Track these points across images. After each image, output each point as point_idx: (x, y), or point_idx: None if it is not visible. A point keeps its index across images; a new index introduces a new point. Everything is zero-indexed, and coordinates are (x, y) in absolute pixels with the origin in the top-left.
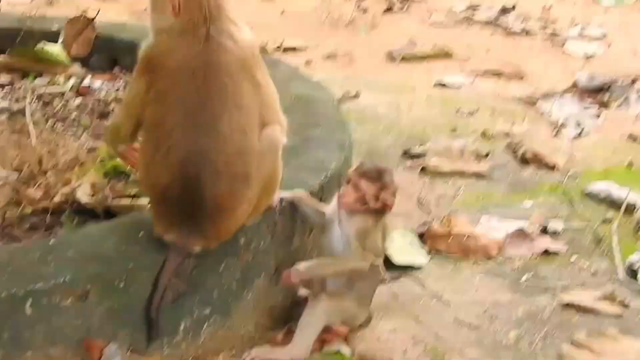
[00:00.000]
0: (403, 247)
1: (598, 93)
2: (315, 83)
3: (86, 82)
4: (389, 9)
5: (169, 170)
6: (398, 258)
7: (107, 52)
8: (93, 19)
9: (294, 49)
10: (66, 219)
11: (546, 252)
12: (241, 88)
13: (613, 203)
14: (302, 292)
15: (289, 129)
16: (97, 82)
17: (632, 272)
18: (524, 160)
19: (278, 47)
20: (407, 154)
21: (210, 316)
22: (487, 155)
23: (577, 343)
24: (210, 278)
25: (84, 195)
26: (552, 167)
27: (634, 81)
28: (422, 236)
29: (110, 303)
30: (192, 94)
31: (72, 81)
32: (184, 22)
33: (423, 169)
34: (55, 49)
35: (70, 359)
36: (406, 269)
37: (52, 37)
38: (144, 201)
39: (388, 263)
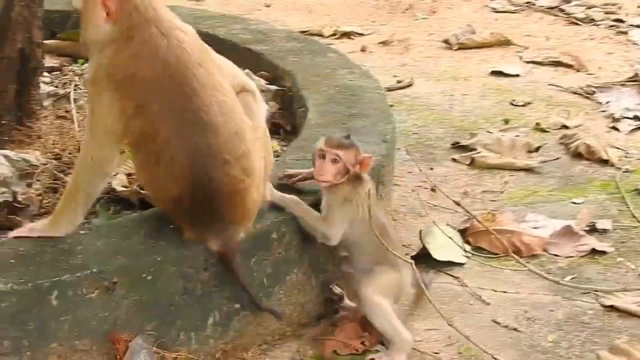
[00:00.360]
0: (444, 243)
1: None
2: (363, 71)
3: None
4: None
5: (177, 180)
6: (438, 254)
7: None
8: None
9: (349, 35)
10: (100, 208)
11: (593, 252)
12: (212, 72)
13: None
14: (337, 290)
15: (331, 119)
16: None
17: None
18: (577, 155)
19: (334, 33)
20: (456, 146)
21: (240, 311)
22: (538, 148)
23: (616, 348)
24: (240, 272)
25: (119, 184)
26: (605, 163)
27: None
28: (464, 232)
29: (137, 296)
30: (175, 97)
31: None
32: (124, 28)
33: (471, 162)
34: None
35: (96, 351)
36: (446, 265)
37: None
38: None
39: (428, 259)
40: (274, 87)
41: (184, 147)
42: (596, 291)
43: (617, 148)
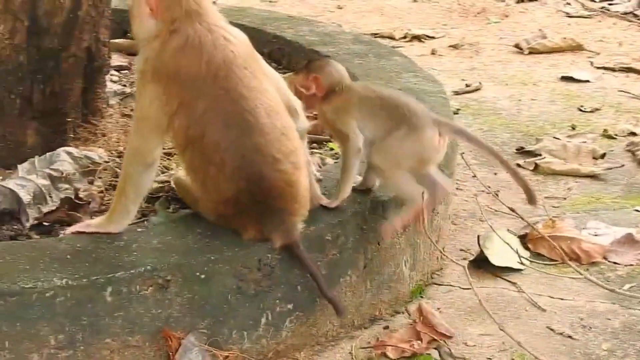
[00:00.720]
0: (503, 249)
1: None
2: (427, 75)
3: None
4: None
5: (230, 181)
6: (496, 260)
7: None
8: (213, 3)
9: (420, 38)
10: (159, 206)
11: None
12: (259, 74)
13: None
14: None
15: None
16: None
17: None
18: None
19: (405, 36)
20: (521, 151)
21: (293, 312)
22: (603, 155)
23: None
24: (294, 273)
25: None
26: None
27: None
28: (524, 237)
29: (190, 294)
30: (221, 97)
31: None
32: (168, 23)
33: (535, 167)
34: None
35: (148, 347)
36: (504, 271)
37: None
38: None
39: (486, 264)
40: None
41: (232, 149)
42: None
43: None
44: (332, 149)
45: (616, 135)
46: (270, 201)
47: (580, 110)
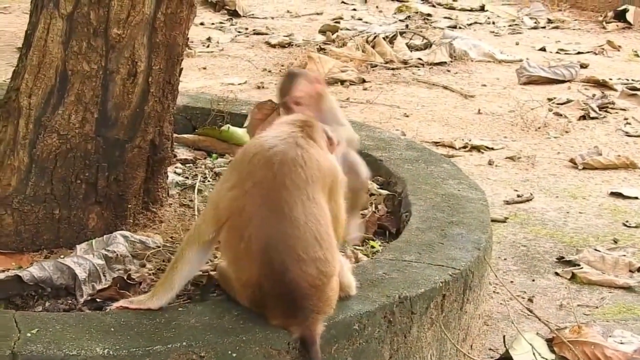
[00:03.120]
0: (529, 351)
1: None
2: (471, 183)
3: None
4: (584, 116)
5: (255, 260)
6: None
7: None
8: (279, 105)
9: (479, 148)
10: (202, 291)
11: None
12: (315, 185)
13: None
14: None
15: (430, 224)
16: None
17: None
18: None
19: (465, 146)
20: (561, 260)
21: None
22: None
23: None
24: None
25: None
26: None
27: None
28: (551, 341)
29: None
30: (268, 179)
31: None
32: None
33: (573, 276)
34: (240, 132)
35: None
36: None
37: (240, 120)
38: None
39: None
40: (385, 192)
41: (262, 227)
42: None
43: None
44: (373, 247)
45: None
46: (292, 297)
47: (625, 225)
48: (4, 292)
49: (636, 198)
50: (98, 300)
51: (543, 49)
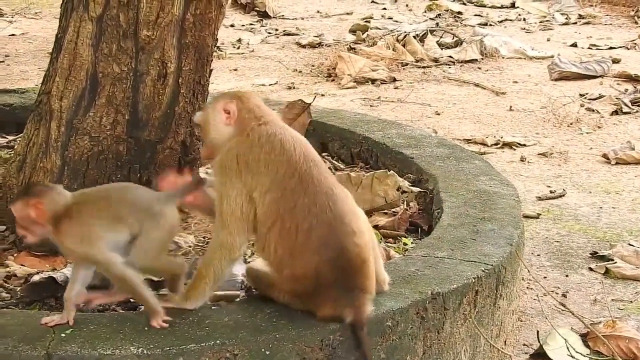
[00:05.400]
0: (563, 346)
1: None
2: (503, 179)
3: None
4: (616, 111)
5: (314, 249)
6: (554, 355)
7: (318, 137)
8: (309, 105)
9: (511, 145)
10: None
11: None
12: (326, 174)
13: None
14: None
15: (462, 221)
16: None
17: None
18: None
19: (497, 142)
20: (595, 256)
21: None
22: None
23: None
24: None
25: None
26: None
27: None
28: (585, 335)
29: None
30: (299, 163)
31: None
32: (242, 127)
33: (606, 271)
34: None
35: None
36: None
37: None
38: None
39: (545, 359)
40: (416, 189)
41: (321, 215)
42: None
43: None
44: (405, 244)
45: None
46: (348, 276)
47: None
48: (39, 294)
49: None
50: (131, 300)
51: (574, 45)
